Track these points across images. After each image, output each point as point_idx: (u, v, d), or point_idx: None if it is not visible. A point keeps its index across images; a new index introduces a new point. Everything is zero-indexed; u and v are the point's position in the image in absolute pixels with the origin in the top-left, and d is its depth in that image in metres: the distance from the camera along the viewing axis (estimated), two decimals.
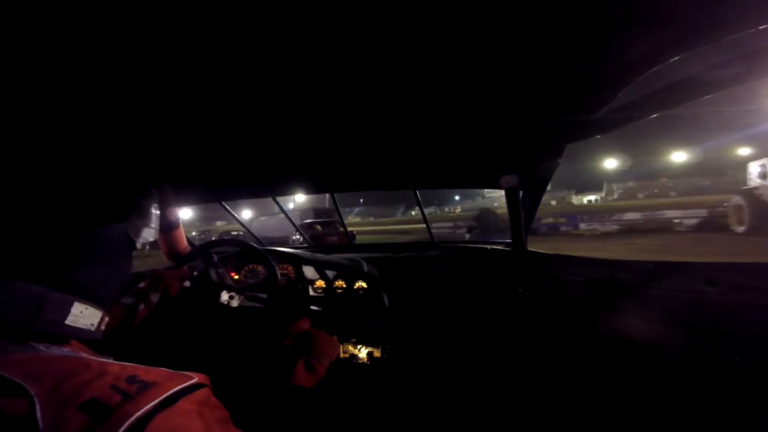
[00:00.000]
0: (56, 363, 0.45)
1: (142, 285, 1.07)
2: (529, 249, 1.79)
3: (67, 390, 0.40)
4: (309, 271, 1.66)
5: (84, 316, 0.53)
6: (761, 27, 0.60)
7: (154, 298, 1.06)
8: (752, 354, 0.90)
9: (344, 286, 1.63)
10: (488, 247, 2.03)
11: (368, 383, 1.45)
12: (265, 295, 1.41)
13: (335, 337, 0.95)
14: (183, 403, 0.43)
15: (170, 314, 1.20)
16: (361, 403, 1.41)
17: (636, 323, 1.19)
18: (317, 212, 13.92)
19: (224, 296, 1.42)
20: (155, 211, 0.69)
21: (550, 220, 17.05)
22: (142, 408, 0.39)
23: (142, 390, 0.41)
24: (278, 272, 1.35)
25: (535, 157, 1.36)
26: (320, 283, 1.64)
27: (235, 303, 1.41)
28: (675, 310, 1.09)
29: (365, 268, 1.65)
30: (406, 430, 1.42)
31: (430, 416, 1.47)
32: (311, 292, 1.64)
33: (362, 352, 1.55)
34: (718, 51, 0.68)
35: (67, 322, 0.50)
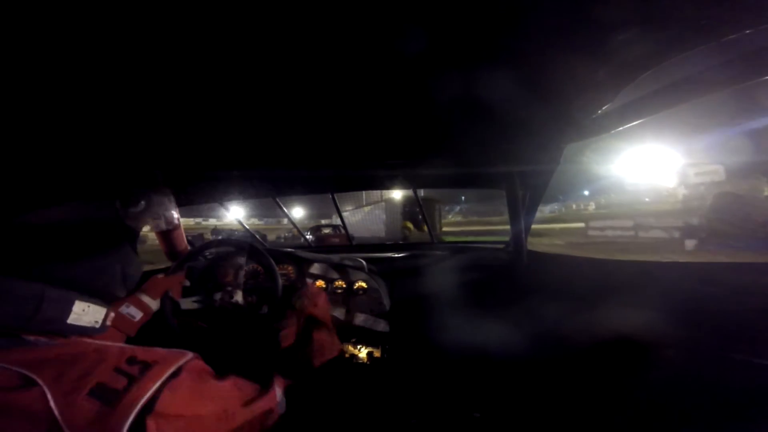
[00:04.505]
0: (55, 350, 0.46)
1: (140, 295, 1.04)
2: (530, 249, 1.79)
3: (73, 377, 0.41)
4: (309, 271, 1.66)
5: (87, 314, 0.53)
6: (761, 27, 0.60)
7: (153, 305, 1.05)
8: (752, 354, 0.90)
9: (344, 286, 1.63)
10: (488, 246, 2.03)
11: (368, 383, 1.45)
12: (265, 295, 1.41)
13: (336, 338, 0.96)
14: (183, 379, 0.47)
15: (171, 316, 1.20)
16: (361, 403, 1.41)
17: (636, 323, 1.19)
18: (407, 204, 11.49)
19: (224, 295, 1.42)
20: (156, 201, 0.69)
21: None
22: (148, 390, 0.42)
23: (144, 371, 0.44)
24: (278, 272, 1.35)
25: (536, 156, 1.36)
26: (320, 283, 1.64)
27: (234, 302, 1.41)
28: (675, 310, 1.09)
29: (365, 268, 1.65)
30: (406, 430, 1.42)
31: (430, 416, 1.46)
32: None
33: (362, 352, 1.55)
34: (718, 51, 0.68)
35: (69, 321, 0.51)
